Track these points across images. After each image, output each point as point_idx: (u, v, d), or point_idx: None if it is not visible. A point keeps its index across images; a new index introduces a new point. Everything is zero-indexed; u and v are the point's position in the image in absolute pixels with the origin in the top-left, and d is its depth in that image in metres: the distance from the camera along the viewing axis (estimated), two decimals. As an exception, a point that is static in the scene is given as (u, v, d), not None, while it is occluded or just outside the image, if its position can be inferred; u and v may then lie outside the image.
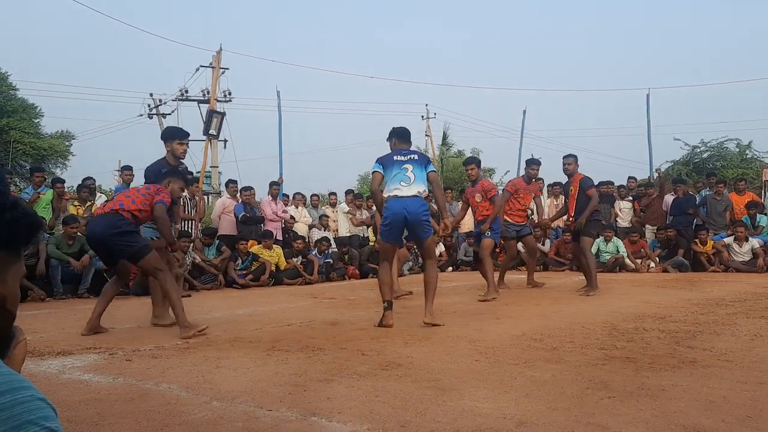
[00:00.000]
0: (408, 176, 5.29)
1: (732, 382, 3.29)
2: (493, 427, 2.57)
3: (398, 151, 5.56)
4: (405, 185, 5.26)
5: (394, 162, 5.40)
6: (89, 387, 3.33)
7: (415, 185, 5.28)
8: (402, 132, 5.76)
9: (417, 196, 5.28)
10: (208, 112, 13.30)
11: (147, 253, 5.06)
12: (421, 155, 5.64)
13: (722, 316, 5.70)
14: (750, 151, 22.82)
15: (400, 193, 5.26)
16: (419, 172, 5.35)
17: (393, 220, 5.29)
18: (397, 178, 5.31)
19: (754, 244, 11.25)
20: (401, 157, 5.43)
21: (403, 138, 5.71)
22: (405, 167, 5.33)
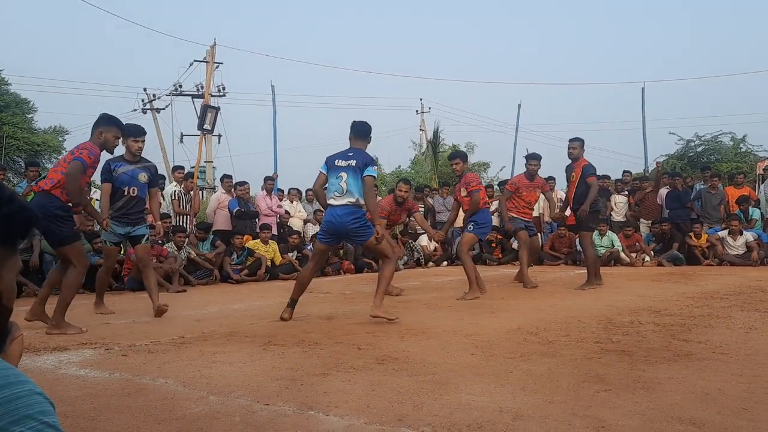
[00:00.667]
0: (341, 186, 5.25)
1: (727, 374, 3.31)
2: (490, 420, 2.58)
3: (343, 153, 5.42)
4: (338, 195, 5.26)
5: (334, 167, 5.34)
6: (85, 382, 3.32)
7: (347, 196, 5.24)
8: (358, 128, 5.53)
9: (348, 205, 5.23)
10: (203, 107, 13.25)
11: (72, 242, 4.98)
12: (362, 159, 5.31)
13: (717, 309, 5.73)
14: (744, 145, 22.93)
15: (333, 202, 5.29)
16: (353, 180, 5.23)
17: (325, 227, 5.42)
18: (332, 186, 5.32)
19: (748, 238, 11.30)
20: (341, 162, 5.32)
21: (358, 135, 5.51)
22: (340, 175, 5.26)
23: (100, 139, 5.13)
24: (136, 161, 5.82)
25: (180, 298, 7.55)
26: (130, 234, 5.88)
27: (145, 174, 5.85)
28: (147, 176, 5.87)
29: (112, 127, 5.19)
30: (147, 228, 6.04)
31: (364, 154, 5.40)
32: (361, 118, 5.50)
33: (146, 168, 5.89)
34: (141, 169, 5.83)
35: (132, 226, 5.85)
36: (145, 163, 5.91)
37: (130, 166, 5.78)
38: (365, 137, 5.54)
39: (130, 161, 5.79)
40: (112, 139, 5.19)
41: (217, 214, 11.28)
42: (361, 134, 5.52)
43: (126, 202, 5.77)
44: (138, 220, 5.90)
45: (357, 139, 5.49)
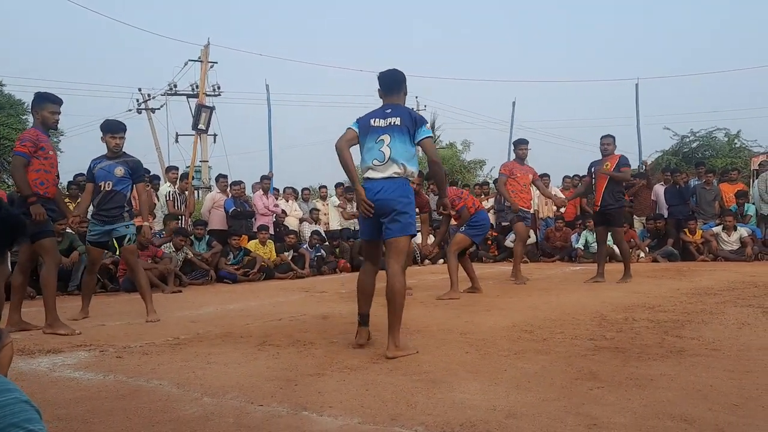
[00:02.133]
0: (382, 152, 3.97)
1: (719, 370, 3.33)
2: (483, 419, 2.59)
3: (380, 110, 4.14)
4: (378, 164, 3.98)
5: (370, 129, 4.05)
6: (79, 385, 3.32)
7: (391, 165, 3.96)
8: (388, 78, 4.20)
9: (394, 177, 3.96)
10: (197, 106, 13.25)
11: (40, 238, 4.95)
12: (409, 116, 4.05)
13: (711, 305, 5.75)
14: (738, 141, 22.92)
15: (372, 174, 4.01)
16: (400, 144, 3.97)
17: None
18: (370, 153, 4.03)
19: (743, 233, 11.34)
20: (380, 121, 4.05)
21: (391, 87, 4.19)
22: (381, 138, 3.99)
23: (39, 118, 5.15)
24: (116, 157, 5.74)
25: (175, 299, 7.56)
26: (113, 234, 5.75)
27: (121, 168, 5.70)
28: (124, 170, 5.71)
29: (45, 103, 5.15)
30: (128, 227, 5.78)
31: (410, 110, 4.14)
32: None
33: (124, 162, 5.74)
34: (118, 164, 5.70)
35: (111, 224, 5.68)
36: (124, 158, 5.78)
37: (108, 162, 5.71)
38: (400, 89, 4.21)
39: (110, 157, 5.73)
40: (49, 116, 5.15)
41: (213, 213, 11.28)
42: (395, 85, 4.19)
43: (102, 198, 5.66)
44: (117, 217, 5.70)
45: (390, 94, 4.18)
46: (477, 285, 7.29)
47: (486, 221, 7.43)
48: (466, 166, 28.96)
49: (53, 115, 5.18)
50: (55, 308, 5.02)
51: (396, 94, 4.18)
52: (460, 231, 7.16)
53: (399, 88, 4.20)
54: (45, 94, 5.23)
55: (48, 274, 5.07)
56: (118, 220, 5.71)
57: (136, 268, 5.88)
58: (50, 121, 5.19)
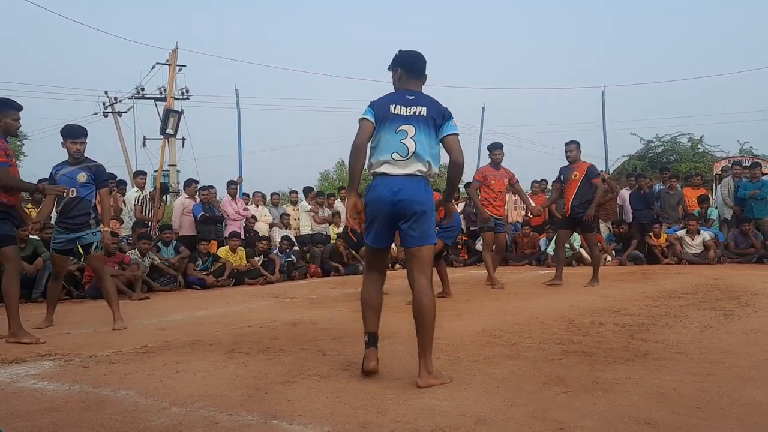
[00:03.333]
0: (405, 144, 3.45)
1: (682, 374, 3.40)
2: (452, 425, 2.61)
3: (400, 95, 3.58)
4: (400, 158, 3.45)
5: (389, 116, 3.49)
6: (44, 395, 3.26)
7: (414, 160, 3.46)
8: (411, 60, 3.65)
9: (416, 176, 3.48)
10: (165, 111, 13.05)
11: (3, 245, 4.86)
12: (436, 107, 3.55)
13: (674, 308, 5.87)
14: (702, 146, 23.47)
15: (390, 169, 3.46)
16: (426, 138, 3.49)
17: (377, 208, 3.49)
18: (388, 144, 3.48)
19: (705, 237, 11.60)
20: (402, 108, 3.49)
21: (413, 69, 3.64)
22: (403, 129, 3.46)
23: (1, 125, 5.01)
24: (78, 162, 5.64)
25: (143, 306, 7.46)
26: (79, 242, 5.66)
27: (84, 174, 5.60)
28: (87, 176, 5.61)
29: (8, 110, 5.03)
30: (95, 234, 5.68)
31: (437, 101, 3.61)
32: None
33: (87, 168, 5.64)
34: (80, 170, 5.61)
35: (77, 232, 5.60)
36: (86, 163, 5.67)
37: (70, 168, 5.61)
38: (422, 73, 3.69)
39: (72, 163, 5.63)
40: (12, 123, 5.03)
41: (182, 219, 11.17)
42: (417, 68, 3.67)
43: (65, 206, 5.56)
44: (83, 225, 5.61)
45: (412, 78, 3.64)
46: (447, 290, 7.32)
47: (458, 223, 7.49)
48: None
49: (16, 122, 5.07)
50: (18, 316, 4.92)
51: (419, 78, 3.66)
52: None
53: (422, 74, 3.68)
54: (7, 100, 5.11)
55: (10, 281, 4.96)
56: (85, 227, 5.63)
57: (103, 275, 5.80)
58: (13, 128, 5.08)
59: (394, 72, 3.68)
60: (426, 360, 3.33)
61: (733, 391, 3.03)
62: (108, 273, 6.02)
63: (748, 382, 3.22)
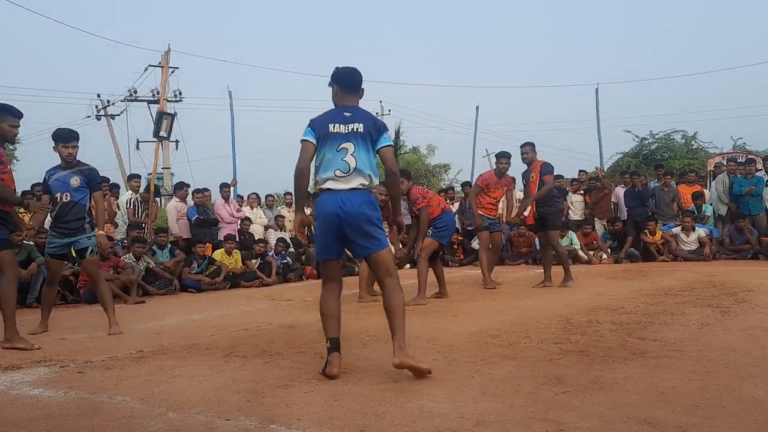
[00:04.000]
0: (346, 162, 3.65)
1: (681, 372, 3.39)
2: (452, 427, 2.60)
3: (337, 113, 3.76)
4: (342, 174, 3.64)
5: (330, 135, 3.68)
6: (39, 402, 3.23)
7: (356, 176, 3.66)
8: (347, 76, 3.82)
9: (359, 190, 3.66)
10: (158, 113, 13.02)
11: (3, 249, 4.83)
12: (371, 121, 3.76)
13: (671, 305, 5.87)
14: (695, 142, 23.55)
15: (334, 185, 3.66)
16: (365, 153, 3.68)
17: (325, 223, 3.68)
18: (331, 162, 3.67)
19: (701, 234, 11.63)
20: (341, 127, 3.68)
21: (349, 87, 3.81)
22: (344, 147, 3.65)
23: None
24: (71, 167, 5.60)
25: (138, 310, 7.43)
26: (74, 246, 5.63)
27: (77, 178, 5.57)
28: (80, 180, 5.58)
29: (5, 116, 4.98)
30: (89, 239, 5.65)
31: (371, 115, 3.84)
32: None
33: (79, 172, 5.61)
34: (73, 174, 5.57)
35: (72, 236, 5.57)
36: (79, 167, 5.64)
37: (63, 172, 5.57)
38: (358, 89, 3.85)
39: (64, 167, 5.59)
40: (7, 128, 4.98)
41: (179, 222, 11.15)
42: (353, 84, 3.83)
43: (60, 210, 5.53)
44: (78, 230, 5.59)
45: (348, 94, 3.81)
46: (444, 290, 7.31)
47: (452, 222, 7.42)
48: (430, 170, 29.17)
49: (13, 128, 5.02)
50: (15, 322, 4.88)
51: (355, 94, 3.83)
52: (428, 235, 7.04)
53: (358, 89, 3.85)
54: (6, 106, 5.07)
55: (7, 286, 4.92)
56: (80, 232, 5.59)
57: (99, 280, 5.77)
58: (9, 135, 5.03)
59: (333, 88, 3.84)
60: (399, 341, 3.52)
61: (732, 389, 3.02)
62: (103, 277, 5.98)
63: (747, 379, 3.21)
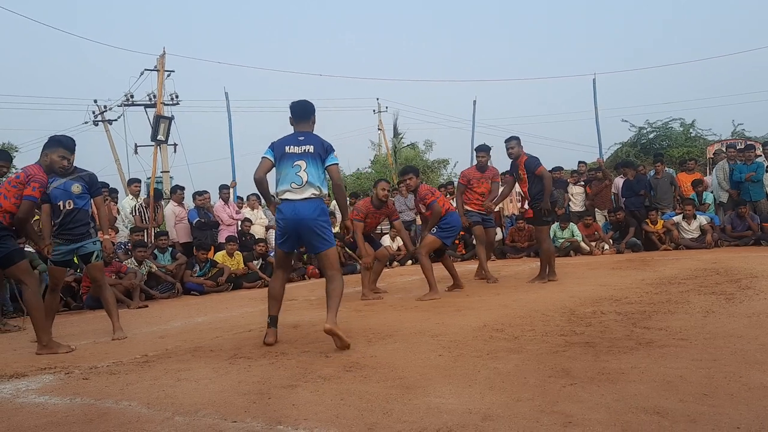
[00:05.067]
0: (299, 177, 4.51)
1: (687, 360, 3.38)
2: (459, 423, 2.59)
3: (293, 137, 4.66)
4: (296, 187, 4.51)
5: (285, 155, 4.58)
6: (45, 410, 3.22)
7: (308, 187, 4.51)
8: (299, 108, 4.74)
9: (312, 198, 4.52)
10: (155, 117, 12.98)
11: (17, 260, 4.87)
12: (320, 144, 4.62)
13: (675, 294, 5.85)
14: (694, 130, 23.47)
15: (291, 195, 4.52)
16: (314, 169, 4.55)
17: (285, 226, 4.57)
18: (287, 177, 4.55)
19: (702, 221, 11.60)
20: (294, 148, 4.57)
21: (301, 116, 4.73)
22: (297, 164, 4.53)
23: (46, 160, 5.04)
24: (69, 174, 5.55)
25: (142, 314, 7.41)
26: (78, 252, 5.62)
27: (78, 185, 5.55)
28: (81, 186, 5.57)
29: (57, 148, 5.08)
30: (95, 243, 5.69)
31: (320, 139, 4.68)
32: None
33: (79, 178, 5.59)
34: (74, 180, 5.56)
35: (77, 242, 5.56)
36: (78, 173, 5.62)
37: (62, 179, 5.54)
38: (309, 117, 4.77)
39: (63, 175, 5.52)
40: (57, 160, 5.06)
41: (177, 227, 11.12)
42: (305, 114, 4.75)
43: (64, 218, 5.50)
44: (83, 235, 5.58)
45: (301, 122, 4.73)
46: (459, 282, 7.41)
47: (457, 223, 7.39)
48: (429, 166, 29.12)
49: (62, 160, 5.12)
50: (47, 328, 4.91)
51: (306, 122, 4.75)
52: (431, 233, 7.07)
53: (309, 117, 4.77)
54: (59, 138, 5.17)
55: (33, 296, 4.94)
56: (85, 237, 5.59)
57: (104, 285, 5.77)
58: (56, 166, 5.10)
59: (290, 118, 4.76)
60: (332, 315, 4.37)
61: (740, 376, 3.01)
62: (107, 282, 5.98)
63: (754, 365, 3.20)
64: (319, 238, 4.56)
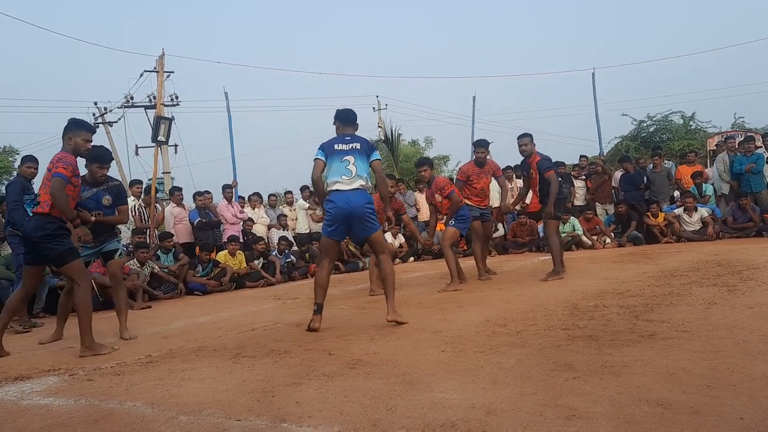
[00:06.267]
0: (349, 169, 5.08)
1: (690, 352, 3.39)
2: (463, 418, 2.59)
3: (341, 137, 5.26)
4: (346, 179, 5.07)
5: (335, 151, 5.15)
6: (50, 412, 3.23)
7: (357, 178, 5.08)
8: (345, 115, 5.41)
9: (360, 189, 5.08)
10: (156, 118, 12.99)
11: (70, 260, 4.90)
12: (365, 142, 5.30)
13: (677, 286, 5.85)
14: (694, 123, 23.44)
15: (341, 186, 5.07)
16: (361, 163, 5.14)
17: (336, 214, 5.09)
18: (338, 170, 5.10)
19: (703, 213, 11.59)
20: (343, 146, 5.17)
21: (347, 121, 5.38)
22: (346, 159, 5.11)
23: (70, 144, 5.01)
24: (99, 184, 5.63)
25: (145, 315, 7.43)
26: (102, 250, 5.71)
27: (108, 197, 5.67)
28: (111, 199, 5.68)
29: (81, 131, 5.06)
30: (118, 242, 5.86)
31: (365, 138, 5.37)
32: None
33: (108, 190, 5.69)
34: (104, 192, 5.65)
35: (102, 243, 5.69)
36: (108, 184, 5.71)
37: (94, 190, 5.61)
38: (353, 122, 5.42)
39: (92, 185, 5.60)
40: (82, 143, 5.04)
41: (177, 227, 11.12)
42: (350, 120, 5.41)
43: (93, 227, 5.52)
44: (109, 235, 5.76)
45: (346, 126, 5.35)
46: (463, 277, 7.65)
47: (468, 214, 7.72)
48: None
49: (86, 143, 5.10)
50: (91, 330, 4.93)
51: (351, 126, 5.37)
52: (450, 225, 7.55)
53: (353, 122, 5.41)
54: (80, 121, 5.16)
55: (84, 296, 4.97)
56: (110, 237, 5.78)
57: (120, 282, 5.89)
58: (81, 149, 5.08)
59: (336, 124, 5.39)
60: (391, 305, 5.04)
61: (743, 367, 3.01)
62: (123, 281, 6.05)
63: (757, 356, 3.20)
64: (368, 223, 5.13)
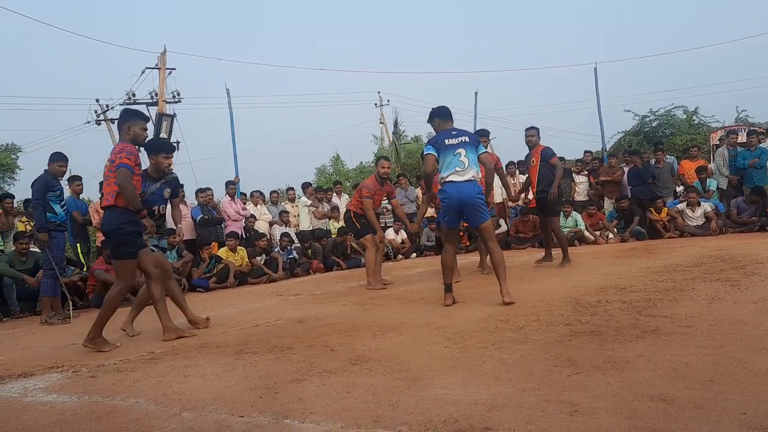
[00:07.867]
0: (462, 161, 5.41)
1: (693, 347, 3.38)
2: (465, 413, 2.59)
3: (447, 132, 5.59)
4: (460, 170, 5.40)
5: (446, 146, 5.48)
6: (54, 408, 3.24)
7: (470, 170, 5.41)
8: (443, 111, 5.76)
9: (472, 180, 5.41)
10: (157, 115, 13.04)
11: (127, 258, 4.96)
12: (472, 136, 5.64)
13: (680, 281, 5.84)
14: (697, 117, 23.36)
15: (456, 178, 5.40)
16: (472, 155, 5.46)
17: (449, 204, 5.46)
18: (451, 163, 5.43)
19: (706, 208, 11.55)
20: (452, 140, 5.49)
21: (446, 117, 5.73)
22: (458, 152, 5.44)
23: (129, 134, 5.04)
24: (160, 178, 5.66)
25: (148, 312, 7.42)
26: (160, 244, 5.87)
27: (168, 190, 5.74)
28: (169, 191, 5.75)
29: (138, 120, 5.11)
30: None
31: (470, 132, 5.76)
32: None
33: (167, 183, 5.73)
34: (164, 185, 5.69)
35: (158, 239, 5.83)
36: (166, 177, 5.73)
37: (156, 184, 5.63)
38: (451, 117, 5.77)
39: (155, 179, 5.61)
40: (140, 132, 5.09)
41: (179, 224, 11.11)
42: (447, 115, 5.76)
43: (157, 219, 5.64)
44: (164, 233, 5.98)
45: (447, 121, 5.73)
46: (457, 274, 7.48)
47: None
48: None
49: (144, 132, 5.16)
50: (103, 328, 4.99)
51: (451, 120, 5.76)
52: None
53: (451, 117, 5.78)
54: (136, 110, 5.22)
55: (118, 296, 5.05)
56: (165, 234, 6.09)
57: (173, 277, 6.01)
58: (140, 138, 5.12)
59: (433, 122, 5.78)
60: (505, 288, 5.38)
61: (746, 362, 3.01)
62: None
63: (760, 351, 3.19)
64: (479, 212, 5.48)
